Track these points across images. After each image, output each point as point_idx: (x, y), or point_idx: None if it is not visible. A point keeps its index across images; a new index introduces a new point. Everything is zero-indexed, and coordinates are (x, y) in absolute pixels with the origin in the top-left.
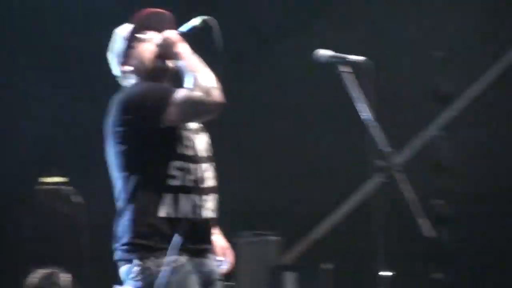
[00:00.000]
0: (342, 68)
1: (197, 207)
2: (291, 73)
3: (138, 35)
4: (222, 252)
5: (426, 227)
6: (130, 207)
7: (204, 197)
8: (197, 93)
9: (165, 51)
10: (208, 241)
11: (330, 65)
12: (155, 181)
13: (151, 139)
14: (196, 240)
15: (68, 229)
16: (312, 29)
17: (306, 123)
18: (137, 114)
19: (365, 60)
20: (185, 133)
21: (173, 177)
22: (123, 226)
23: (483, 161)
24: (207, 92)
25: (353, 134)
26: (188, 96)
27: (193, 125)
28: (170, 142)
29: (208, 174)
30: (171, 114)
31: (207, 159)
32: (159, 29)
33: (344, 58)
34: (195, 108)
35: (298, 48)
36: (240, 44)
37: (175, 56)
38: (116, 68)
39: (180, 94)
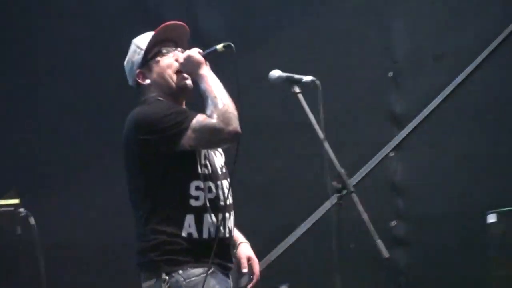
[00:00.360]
0: (295, 88)
1: (219, 226)
2: (244, 92)
3: (160, 49)
4: (246, 262)
5: (382, 248)
6: (152, 228)
7: (227, 214)
8: (215, 121)
9: (188, 70)
10: (230, 259)
11: (284, 85)
12: (176, 202)
13: (169, 160)
14: (220, 256)
15: (25, 251)
16: (263, 49)
17: (262, 143)
18: (154, 136)
19: (314, 79)
20: (202, 151)
21: (194, 197)
22: (146, 246)
23: (437, 182)
24: (226, 121)
25: (310, 155)
26: (206, 124)
27: None
28: (189, 162)
29: (226, 191)
30: (188, 139)
31: (224, 176)
32: (178, 42)
33: (293, 78)
34: (212, 136)
35: (250, 68)
36: None
37: (197, 77)
38: (133, 80)
39: (198, 120)
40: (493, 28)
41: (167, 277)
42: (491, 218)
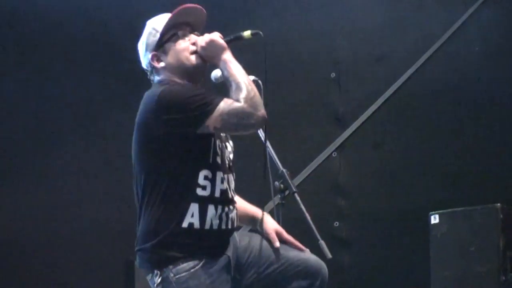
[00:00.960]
0: None
1: (222, 219)
2: None
3: (176, 32)
4: (276, 236)
5: (324, 248)
6: (154, 213)
7: (231, 207)
8: (244, 105)
9: (210, 54)
10: (228, 248)
11: (225, 84)
12: (183, 189)
13: (185, 144)
14: (217, 248)
15: None
16: None
17: None
18: (178, 116)
19: (256, 79)
20: (217, 141)
21: (202, 186)
22: (144, 231)
23: (380, 183)
24: (254, 106)
25: (253, 155)
26: (235, 107)
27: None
28: (203, 149)
29: (232, 185)
30: (213, 122)
31: (230, 170)
32: (194, 26)
33: None
34: (240, 120)
35: None
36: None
37: (219, 62)
38: (146, 62)
39: (226, 103)
40: (434, 31)
41: (159, 272)
42: (434, 219)
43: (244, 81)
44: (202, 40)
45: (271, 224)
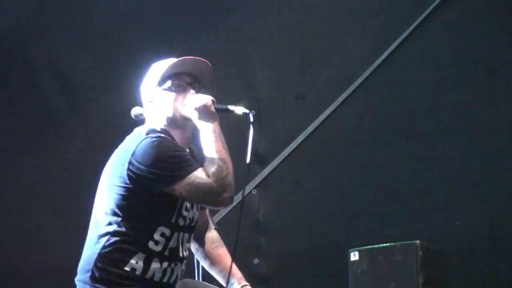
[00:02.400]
0: None
1: (166, 273)
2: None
3: (173, 81)
4: None
5: None
6: (102, 248)
7: (178, 265)
8: (215, 185)
9: (200, 118)
10: None
11: None
12: (136, 237)
13: (151, 197)
14: None
15: None
16: (123, 90)
17: None
18: (150, 170)
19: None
20: (184, 203)
21: (155, 241)
22: (86, 261)
23: (300, 220)
24: (224, 186)
25: None
26: (205, 183)
27: None
28: (168, 208)
29: (186, 244)
30: (181, 188)
31: (192, 229)
32: (196, 76)
33: None
34: (205, 196)
35: (107, 113)
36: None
37: (205, 129)
38: (143, 104)
39: (198, 175)
40: (353, 70)
41: None
42: (353, 256)
43: (220, 158)
44: (196, 101)
45: None
